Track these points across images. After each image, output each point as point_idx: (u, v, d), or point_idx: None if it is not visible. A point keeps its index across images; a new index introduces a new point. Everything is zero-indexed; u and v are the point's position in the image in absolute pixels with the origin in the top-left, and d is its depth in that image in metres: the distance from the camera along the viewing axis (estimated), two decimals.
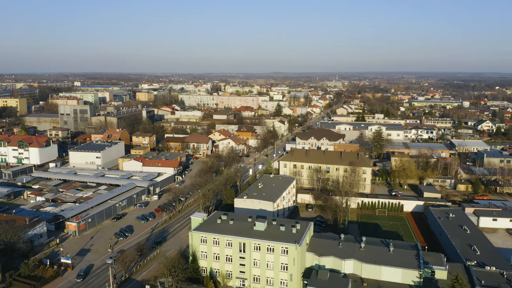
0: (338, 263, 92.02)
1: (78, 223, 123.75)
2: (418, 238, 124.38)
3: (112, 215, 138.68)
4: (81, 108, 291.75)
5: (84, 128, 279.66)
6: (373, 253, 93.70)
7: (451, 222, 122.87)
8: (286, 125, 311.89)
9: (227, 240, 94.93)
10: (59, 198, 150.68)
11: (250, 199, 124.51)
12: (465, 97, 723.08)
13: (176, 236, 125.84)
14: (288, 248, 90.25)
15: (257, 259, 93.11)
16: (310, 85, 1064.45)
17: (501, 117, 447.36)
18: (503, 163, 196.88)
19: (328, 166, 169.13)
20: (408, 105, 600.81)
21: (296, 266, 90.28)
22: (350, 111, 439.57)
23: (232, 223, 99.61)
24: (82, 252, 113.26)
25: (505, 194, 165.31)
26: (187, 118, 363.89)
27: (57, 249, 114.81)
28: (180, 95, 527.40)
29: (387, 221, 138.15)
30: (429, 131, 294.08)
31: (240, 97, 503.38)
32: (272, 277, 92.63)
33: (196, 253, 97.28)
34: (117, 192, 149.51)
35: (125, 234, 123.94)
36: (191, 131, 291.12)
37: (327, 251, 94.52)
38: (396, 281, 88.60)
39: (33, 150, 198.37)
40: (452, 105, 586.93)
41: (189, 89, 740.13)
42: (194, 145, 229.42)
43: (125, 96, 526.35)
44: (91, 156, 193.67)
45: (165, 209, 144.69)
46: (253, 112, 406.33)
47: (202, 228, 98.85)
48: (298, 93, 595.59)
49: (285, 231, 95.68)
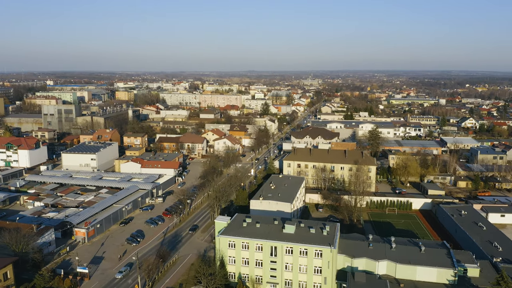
0: (371, 265, 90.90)
1: (87, 229, 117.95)
2: (433, 236, 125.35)
3: (118, 220, 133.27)
4: (65, 108, 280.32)
5: (69, 129, 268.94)
6: (405, 253, 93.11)
7: (465, 219, 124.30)
8: (276, 124, 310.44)
9: (257, 244, 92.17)
10: (59, 203, 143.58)
11: (266, 201, 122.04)
12: (438, 95, 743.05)
13: (191, 240, 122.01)
14: (323, 250, 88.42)
15: (289, 262, 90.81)
16: (286, 83, 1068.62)
17: (478, 114, 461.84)
18: (496, 159, 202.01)
19: (333, 165, 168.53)
20: (386, 103, 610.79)
21: (330, 269, 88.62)
22: (333, 109, 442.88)
23: (259, 226, 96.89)
24: (95, 260, 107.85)
25: (504, 190, 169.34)
26: (173, 117, 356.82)
27: (68, 257, 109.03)
28: (161, 94, 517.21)
29: (398, 220, 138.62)
30: (416, 128, 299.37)
31: (223, 96, 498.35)
32: (305, 281, 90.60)
33: (224, 258, 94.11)
34: (121, 195, 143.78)
35: (137, 240, 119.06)
36: (181, 131, 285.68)
37: (359, 252, 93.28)
38: (430, 280, 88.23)
39: (22, 153, 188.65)
40: (429, 103, 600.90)
41: (167, 88, 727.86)
42: (189, 145, 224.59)
43: (104, 95, 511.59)
44: (85, 158, 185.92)
45: (173, 212, 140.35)
46: (238, 111, 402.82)
47: (229, 232, 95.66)
48: (280, 92, 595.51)
49: (315, 233, 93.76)
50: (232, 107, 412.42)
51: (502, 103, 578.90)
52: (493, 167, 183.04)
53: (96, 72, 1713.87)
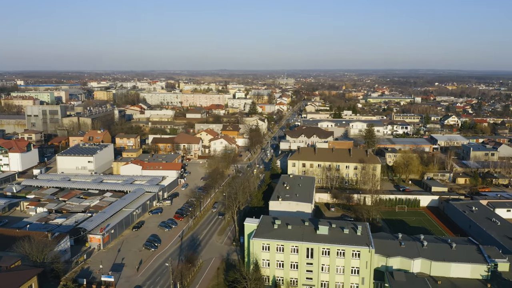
0: (406, 263, 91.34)
1: (102, 235, 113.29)
2: (446, 232, 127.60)
3: (130, 225, 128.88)
4: (50, 109, 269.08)
5: (54, 130, 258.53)
6: (437, 250, 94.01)
7: (478, 215, 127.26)
8: (266, 123, 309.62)
9: (292, 246, 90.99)
10: (63, 208, 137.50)
11: (286, 201, 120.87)
12: (411, 93, 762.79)
13: (210, 243, 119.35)
14: (361, 251, 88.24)
15: (325, 264, 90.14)
16: (260, 82, 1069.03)
17: (454, 111, 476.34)
18: (488, 156, 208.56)
19: (338, 164, 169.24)
20: (364, 101, 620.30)
21: (368, 269, 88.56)
22: (316, 108, 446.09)
23: (291, 228, 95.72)
24: (116, 268, 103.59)
25: (501, 186, 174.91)
26: (158, 117, 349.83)
27: (85, 265, 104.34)
28: (142, 93, 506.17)
29: (409, 217, 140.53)
30: (403, 126, 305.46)
31: (205, 95, 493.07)
32: (341, 282, 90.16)
33: (258, 261, 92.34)
34: (129, 199, 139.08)
35: (154, 245, 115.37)
36: (171, 131, 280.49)
37: (392, 251, 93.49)
38: (464, 276, 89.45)
39: (14, 156, 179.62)
40: (405, 101, 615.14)
41: (144, 87, 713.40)
42: (185, 145, 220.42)
43: (81, 95, 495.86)
44: (82, 161, 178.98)
45: (184, 215, 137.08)
46: (223, 110, 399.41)
47: (261, 234, 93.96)
48: (262, 91, 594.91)
49: (349, 233, 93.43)
50: (217, 106, 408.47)
51: (475, 101, 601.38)
52: (489, 164, 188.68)
53: (64, 71, 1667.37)
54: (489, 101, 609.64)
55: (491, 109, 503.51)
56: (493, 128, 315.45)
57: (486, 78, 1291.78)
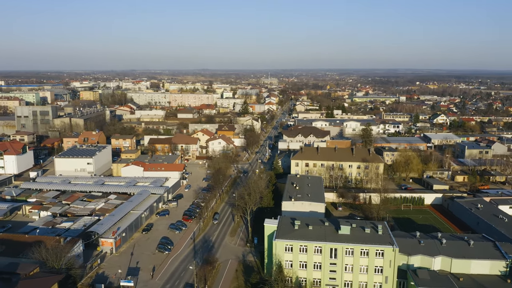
0: (427, 261, 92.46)
1: (114, 239, 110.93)
2: (454, 229, 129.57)
3: (139, 227, 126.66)
4: (41, 109, 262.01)
5: (45, 132, 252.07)
6: (455, 248, 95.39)
7: (484, 212, 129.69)
8: (259, 123, 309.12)
9: (315, 247, 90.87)
10: (68, 211, 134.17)
11: (299, 202, 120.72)
12: (394, 92, 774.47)
13: (223, 245, 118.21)
14: (384, 250, 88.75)
15: (349, 264, 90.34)
16: (243, 82, 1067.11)
17: (439, 110, 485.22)
18: (482, 153, 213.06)
19: (341, 163, 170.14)
20: (350, 100, 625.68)
21: (391, 268, 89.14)
22: (306, 108, 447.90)
23: (312, 228, 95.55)
24: (132, 272, 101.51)
25: (498, 183, 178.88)
26: (149, 117, 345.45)
27: (100, 270, 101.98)
28: (129, 93, 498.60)
29: (416, 215, 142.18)
30: (395, 125, 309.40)
31: (194, 95, 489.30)
32: (365, 281, 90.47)
33: (281, 263, 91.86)
34: (136, 201, 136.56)
35: (168, 247, 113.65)
36: (165, 132, 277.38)
37: (413, 249, 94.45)
38: (484, 272, 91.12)
39: (9, 158, 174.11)
40: (390, 100, 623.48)
41: (128, 87, 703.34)
42: (183, 146, 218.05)
43: (66, 96, 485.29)
44: (81, 163, 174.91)
45: (193, 216, 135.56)
46: (214, 110, 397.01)
47: (282, 235, 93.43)
48: (250, 91, 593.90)
49: (370, 233, 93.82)
50: (207, 106, 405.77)
51: (458, 100, 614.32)
52: (485, 161, 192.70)
53: (42, 71, 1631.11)
54: (471, 100, 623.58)
55: (475, 107, 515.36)
56: (481, 126, 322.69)
57: (465, 77, 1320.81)
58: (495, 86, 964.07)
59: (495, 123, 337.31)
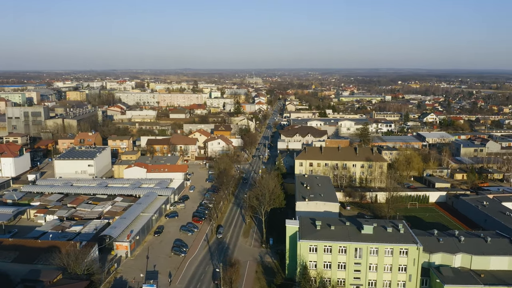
0: (448, 258, 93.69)
1: (129, 242, 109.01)
2: (462, 226, 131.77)
3: (150, 230, 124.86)
4: (33, 110, 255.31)
5: (38, 133, 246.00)
6: (474, 245, 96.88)
7: (491, 209, 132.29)
8: (253, 123, 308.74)
9: (340, 247, 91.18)
10: (75, 215, 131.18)
11: (313, 202, 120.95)
12: (377, 91, 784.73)
13: (238, 246, 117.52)
14: (409, 248, 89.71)
15: (373, 263, 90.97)
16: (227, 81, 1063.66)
17: (425, 109, 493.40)
18: (477, 152, 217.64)
19: (345, 162, 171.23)
20: (336, 100, 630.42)
21: (415, 266, 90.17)
22: (296, 107, 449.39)
23: (334, 229, 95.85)
24: (151, 276, 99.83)
25: (496, 180, 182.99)
26: (141, 118, 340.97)
27: (118, 275, 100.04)
28: (117, 93, 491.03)
29: (423, 213, 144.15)
30: (387, 124, 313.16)
31: (183, 95, 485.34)
32: (389, 280, 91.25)
33: (306, 263, 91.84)
34: (145, 203, 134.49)
35: (183, 250, 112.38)
36: (159, 132, 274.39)
37: (433, 247, 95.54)
38: (502, 268, 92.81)
39: (6, 161, 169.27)
40: (376, 99, 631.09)
41: (114, 87, 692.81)
42: (181, 147, 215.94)
43: (51, 96, 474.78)
44: (82, 165, 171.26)
45: (203, 218, 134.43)
46: (205, 110, 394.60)
47: (308, 236, 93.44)
48: (238, 90, 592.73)
49: (392, 232, 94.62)
50: (198, 106, 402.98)
51: (442, 99, 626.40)
52: (482, 159, 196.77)
53: (21, 71, 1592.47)
54: (454, 99, 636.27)
55: (459, 106, 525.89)
56: (469, 125, 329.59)
57: (445, 76, 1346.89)
58: (475, 85, 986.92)
59: (482, 122, 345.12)
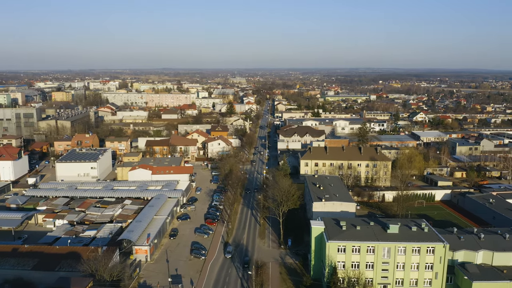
0: (470, 255, 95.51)
1: (149, 246, 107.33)
2: (471, 224, 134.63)
3: (165, 233, 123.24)
4: (25, 111, 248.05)
5: (30, 135, 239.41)
6: (493, 241, 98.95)
7: (498, 206, 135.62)
8: (248, 123, 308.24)
9: (368, 247, 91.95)
10: (86, 219, 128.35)
11: (330, 202, 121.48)
12: (360, 91, 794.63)
13: (257, 248, 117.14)
14: (435, 247, 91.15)
15: (400, 262, 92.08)
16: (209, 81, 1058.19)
17: (410, 108, 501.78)
18: (471, 150, 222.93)
19: (350, 162, 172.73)
20: (322, 100, 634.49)
21: (441, 264, 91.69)
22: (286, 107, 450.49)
23: (360, 229, 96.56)
24: (177, 280, 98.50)
25: (494, 178, 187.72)
26: (132, 118, 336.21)
27: (141, 279, 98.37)
28: (105, 94, 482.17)
29: (431, 211, 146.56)
30: (380, 123, 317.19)
31: (172, 95, 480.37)
32: (416, 278, 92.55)
33: (335, 264, 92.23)
34: (157, 206, 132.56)
35: (203, 252, 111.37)
36: (154, 133, 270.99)
37: (455, 245, 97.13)
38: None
39: (5, 164, 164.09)
40: (361, 99, 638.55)
41: (97, 87, 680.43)
42: (181, 148, 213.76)
43: (36, 97, 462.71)
44: (84, 167, 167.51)
45: (216, 219, 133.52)
46: (196, 110, 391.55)
47: (336, 236, 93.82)
48: (226, 90, 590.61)
49: (417, 231, 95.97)
50: (189, 106, 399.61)
51: (425, 98, 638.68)
52: (480, 157, 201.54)
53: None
54: (437, 98, 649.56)
55: (443, 105, 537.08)
56: (458, 123, 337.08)
57: (423, 75, 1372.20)
58: (455, 84, 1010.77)
59: (470, 120, 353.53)
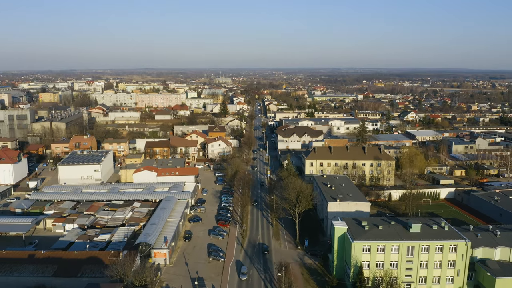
0: (488, 252, 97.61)
1: (168, 249, 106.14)
2: (478, 221, 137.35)
3: (179, 235, 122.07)
4: (18, 113, 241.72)
5: (23, 137, 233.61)
6: (510, 238, 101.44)
7: (505, 203, 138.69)
8: (243, 124, 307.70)
9: (393, 246, 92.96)
10: (97, 223, 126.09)
11: (345, 202, 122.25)
12: (345, 91, 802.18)
13: (274, 249, 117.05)
14: (458, 245, 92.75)
15: (424, 260, 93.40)
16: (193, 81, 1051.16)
17: (397, 107, 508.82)
18: (467, 148, 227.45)
19: (355, 162, 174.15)
20: (310, 100, 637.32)
21: (463, 261, 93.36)
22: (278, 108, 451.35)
23: (382, 228, 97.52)
24: (201, 283, 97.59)
25: (492, 176, 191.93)
26: (124, 119, 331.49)
27: (163, 283, 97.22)
28: (93, 95, 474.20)
29: (437, 209, 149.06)
30: (373, 123, 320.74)
31: (162, 96, 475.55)
32: (438, 276, 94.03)
33: (360, 264, 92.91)
34: (168, 208, 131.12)
35: (221, 254, 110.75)
36: (150, 134, 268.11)
37: (474, 242, 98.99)
38: None
39: (5, 167, 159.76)
40: (349, 99, 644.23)
41: (83, 88, 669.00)
42: (182, 149, 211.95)
43: (22, 98, 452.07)
44: (88, 170, 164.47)
45: (228, 221, 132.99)
46: (188, 111, 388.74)
47: (361, 236, 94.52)
48: (217, 90, 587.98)
49: (438, 229, 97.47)
50: (181, 107, 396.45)
51: (411, 97, 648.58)
52: (477, 156, 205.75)
53: None
54: (421, 97, 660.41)
55: (429, 104, 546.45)
56: (448, 122, 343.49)
57: (405, 75, 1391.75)
58: (437, 83, 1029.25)
59: (459, 119, 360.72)
